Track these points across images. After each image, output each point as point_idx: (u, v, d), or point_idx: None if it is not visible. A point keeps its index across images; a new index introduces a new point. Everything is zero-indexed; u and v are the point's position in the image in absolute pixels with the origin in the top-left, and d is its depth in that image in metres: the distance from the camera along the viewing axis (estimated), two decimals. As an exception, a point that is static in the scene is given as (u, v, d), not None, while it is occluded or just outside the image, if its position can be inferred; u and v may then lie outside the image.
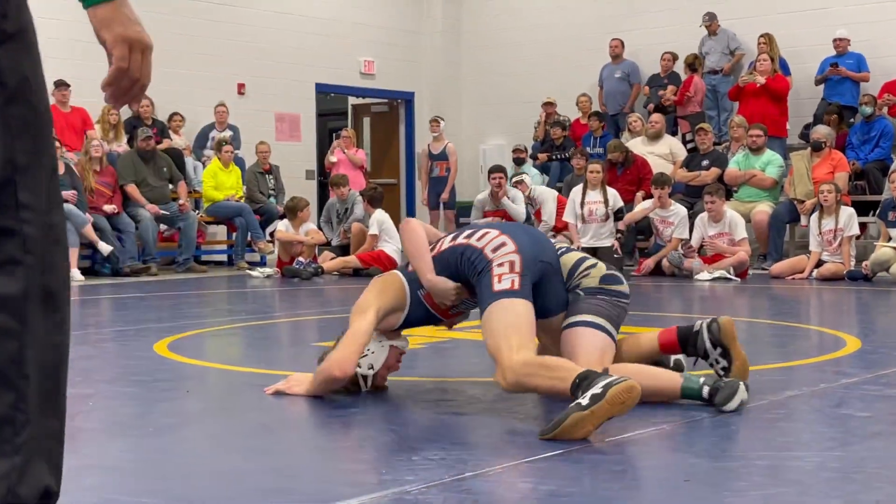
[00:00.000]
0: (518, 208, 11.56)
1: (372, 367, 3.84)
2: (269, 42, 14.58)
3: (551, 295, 3.73)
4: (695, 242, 10.53)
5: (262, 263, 12.43)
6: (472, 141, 16.54)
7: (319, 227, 12.18)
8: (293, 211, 11.58)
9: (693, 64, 13.62)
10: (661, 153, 12.69)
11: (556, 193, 12.16)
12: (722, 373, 3.87)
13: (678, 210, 10.88)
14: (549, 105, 14.77)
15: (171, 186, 12.23)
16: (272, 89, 14.67)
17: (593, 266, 3.82)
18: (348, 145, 13.96)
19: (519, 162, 13.65)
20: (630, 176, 12.14)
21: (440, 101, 16.50)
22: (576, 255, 3.87)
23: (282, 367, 4.52)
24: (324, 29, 15.20)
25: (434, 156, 14.09)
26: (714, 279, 10.01)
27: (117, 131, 12.56)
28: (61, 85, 12.11)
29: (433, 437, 3.22)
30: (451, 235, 3.85)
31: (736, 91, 12.87)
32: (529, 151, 14.27)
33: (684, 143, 13.25)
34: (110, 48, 1.82)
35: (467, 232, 3.81)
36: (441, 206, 13.99)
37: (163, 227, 12.21)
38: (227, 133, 13.38)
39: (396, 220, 14.57)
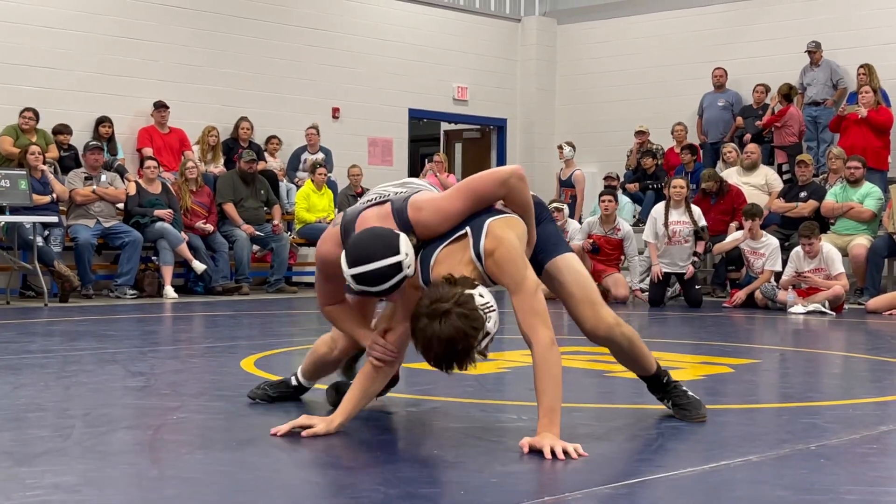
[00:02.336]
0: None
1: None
2: (365, 67, 14.74)
3: None
4: (787, 276, 10.29)
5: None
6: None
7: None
8: (383, 234, 11.63)
9: (789, 94, 13.41)
10: (757, 184, 12.47)
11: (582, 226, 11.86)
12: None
13: (769, 241, 10.65)
14: (641, 133, 14.65)
15: (265, 208, 12.40)
16: (366, 114, 14.81)
17: None
18: (440, 170, 14.06)
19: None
20: (724, 206, 11.94)
21: (533, 128, 16.48)
22: None
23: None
24: (418, 55, 15.32)
25: (562, 182, 14.08)
26: (808, 313, 9.78)
27: (215, 153, 12.80)
28: (160, 106, 12.39)
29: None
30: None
31: (836, 122, 12.61)
32: (621, 180, 14.16)
33: (780, 173, 13.01)
34: None
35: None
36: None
37: (255, 247, 12.37)
38: (320, 156, 13.54)
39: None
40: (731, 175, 12.59)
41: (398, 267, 3.27)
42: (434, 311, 3.15)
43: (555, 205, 11.82)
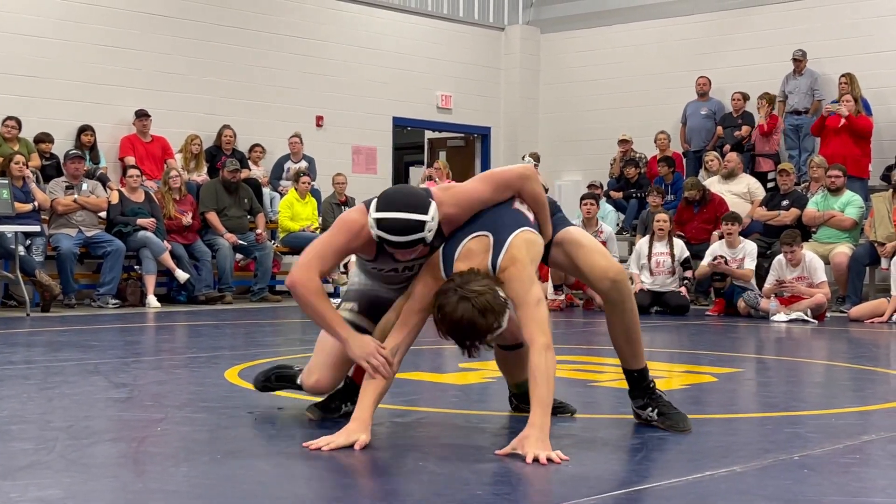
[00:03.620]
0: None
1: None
2: (349, 75, 14.74)
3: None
4: (769, 284, 10.34)
5: (336, 294, 12.49)
6: (548, 177, 16.46)
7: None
8: (367, 243, 11.62)
9: (772, 102, 13.50)
10: (739, 192, 12.53)
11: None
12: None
13: (745, 245, 10.72)
14: (625, 142, 14.70)
15: (249, 217, 12.38)
16: (350, 122, 14.81)
17: None
18: (441, 177, 14.07)
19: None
20: (706, 214, 11.99)
21: (516, 137, 16.51)
22: None
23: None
24: (402, 63, 15.33)
25: None
26: (791, 321, 9.82)
27: (198, 161, 12.77)
28: (142, 115, 12.35)
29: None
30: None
31: (819, 125, 12.68)
32: (605, 188, 14.20)
33: (765, 182, 13.06)
34: None
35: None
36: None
37: (238, 256, 12.35)
38: (303, 164, 13.53)
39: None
40: (714, 183, 12.66)
41: (422, 226, 3.44)
42: (467, 291, 3.38)
43: None
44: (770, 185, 12.96)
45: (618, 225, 13.70)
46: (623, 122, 15.19)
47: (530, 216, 3.72)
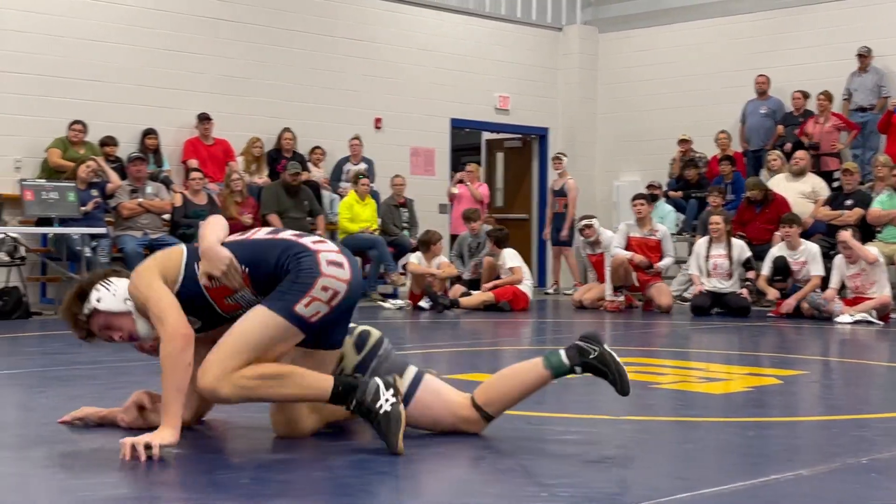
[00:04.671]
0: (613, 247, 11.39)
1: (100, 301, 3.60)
2: (407, 77, 14.80)
3: (339, 329, 3.61)
4: (834, 284, 10.20)
5: (395, 295, 12.56)
6: (607, 177, 16.43)
7: (451, 261, 12.25)
8: (426, 244, 11.68)
9: (830, 99, 13.33)
10: (804, 191, 12.36)
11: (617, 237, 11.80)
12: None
13: (807, 248, 10.59)
14: (684, 142, 14.59)
15: (309, 219, 12.48)
16: (408, 124, 14.87)
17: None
18: (472, 179, 14.15)
19: (652, 199, 13.48)
20: (769, 215, 11.85)
21: (574, 137, 16.46)
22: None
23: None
24: (461, 65, 15.36)
25: (555, 192, 14.18)
26: (855, 322, 9.68)
27: (259, 163, 12.90)
28: (204, 118, 12.50)
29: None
30: (268, 230, 3.67)
31: (885, 122, 12.49)
32: (664, 188, 14.10)
33: (830, 181, 12.88)
34: None
35: (294, 232, 3.62)
36: (565, 241, 14.08)
37: (299, 257, 12.43)
38: (362, 166, 13.60)
39: (526, 256, 14.58)
40: (778, 183, 12.50)
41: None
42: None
43: (584, 222, 11.82)
44: (836, 184, 12.78)
45: (677, 226, 13.60)
46: (682, 122, 15.07)
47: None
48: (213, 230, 3.57)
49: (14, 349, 7.30)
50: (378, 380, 3.41)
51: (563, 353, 3.59)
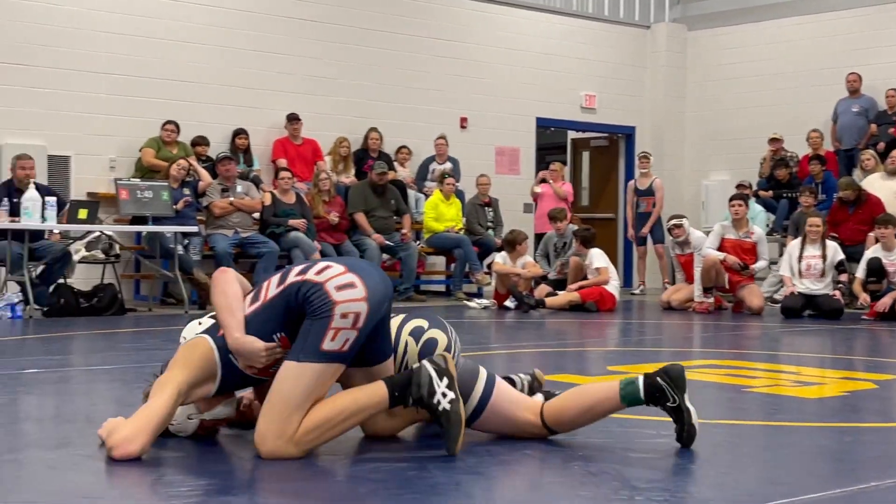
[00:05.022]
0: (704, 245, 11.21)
1: (180, 433, 3.59)
2: (493, 76, 14.81)
3: (380, 341, 3.47)
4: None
5: (479, 295, 12.57)
6: (695, 176, 16.25)
7: (536, 261, 12.23)
8: (511, 244, 11.67)
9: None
10: (900, 191, 12.08)
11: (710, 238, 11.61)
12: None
13: (903, 249, 10.34)
14: (775, 141, 14.36)
15: (395, 218, 12.56)
16: (493, 123, 14.88)
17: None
18: (555, 178, 14.10)
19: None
20: (862, 215, 11.61)
21: (662, 136, 16.30)
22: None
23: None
24: (546, 63, 15.32)
25: (641, 191, 14.02)
26: (953, 326, 9.43)
27: (346, 163, 13.03)
28: (294, 118, 12.66)
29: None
30: (277, 278, 3.46)
31: None
32: (754, 188, 13.89)
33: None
34: None
35: (299, 269, 3.43)
36: (646, 240, 13.96)
37: (385, 256, 12.55)
38: (448, 165, 13.65)
39: (612, 255, 14.49)
40: (872, 182, 12.23)
41: None
42: None
43: (673, 222, 11.68)
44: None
45: (767, 226, 13.39)
46: (772, 121, 14.84)
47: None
48: (232, 314, 3.38)
49: (110, 345, 7.48)
50: (428, 365, 3.35)
51: (641, 385, 3.49)
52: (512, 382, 4.12)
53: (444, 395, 3.31)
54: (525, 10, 15.20)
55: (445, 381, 3.34)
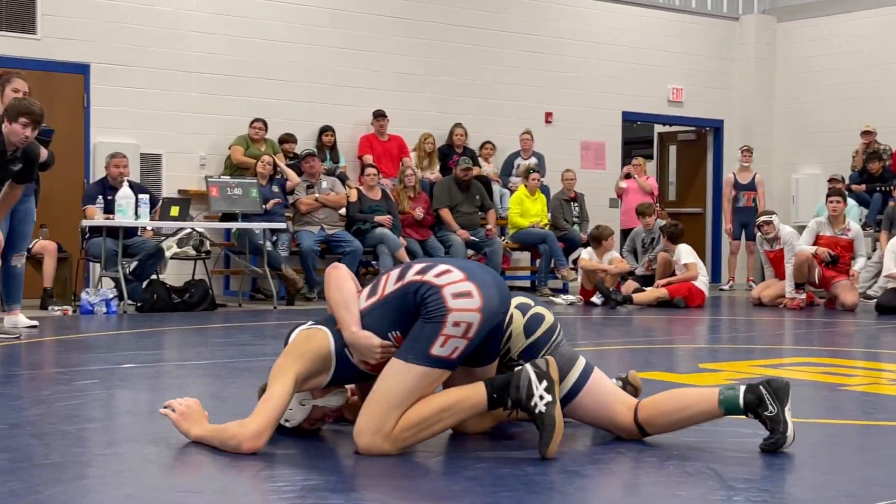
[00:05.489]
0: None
1: (288, 421, 3.57)
2: (578, 71, 14.72)
3: (490, 347, 3.43)
4: None
5: (565, 290, 12.51)
6: (784, 170, 15.97)
7: (623, 256, 12.13)
8: (597, 239, 11.59)
9: None
10: None
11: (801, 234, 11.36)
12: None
13: None
14: (868, 134, 14.03)
15: (480, 213, 12.57)
16: (579, 117, 14.79)
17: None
18: (639, 172, 13.98)
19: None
20: (960, 209, 11.30)
21: (750, 130, 16.05)
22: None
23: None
24: (632, 57, 15.18)
25: (741, 185, 13.82)
26: None
27: (431, 159, 13.07)
28: (380, 115, 12.73)
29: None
30: (397, 273, 3.46)
31: None
32: (847, 182, 13.60)
33: None
34: None
35: (418, 267, 3.42)
36: (742, 235, 13.77)
37: (470, 251, 12.56)
38: (533, 160, 13.61)
39: (700, 250, 14.30)
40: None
41: None
42: None
43: (763, 218, 11.46)
44: None
45: (860, 220, 13.10)
46: (865, 113, 14.51)
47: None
48: (348, 309, 3.42)
49: (202, 340, 7.60)
50: (529, 368, 3.32)
51: (741, 394, 3.42)
52: None
53: (541, 397, 3.29)
54: (612, 4, 15.08)
55: (545, 383, 3.31)
